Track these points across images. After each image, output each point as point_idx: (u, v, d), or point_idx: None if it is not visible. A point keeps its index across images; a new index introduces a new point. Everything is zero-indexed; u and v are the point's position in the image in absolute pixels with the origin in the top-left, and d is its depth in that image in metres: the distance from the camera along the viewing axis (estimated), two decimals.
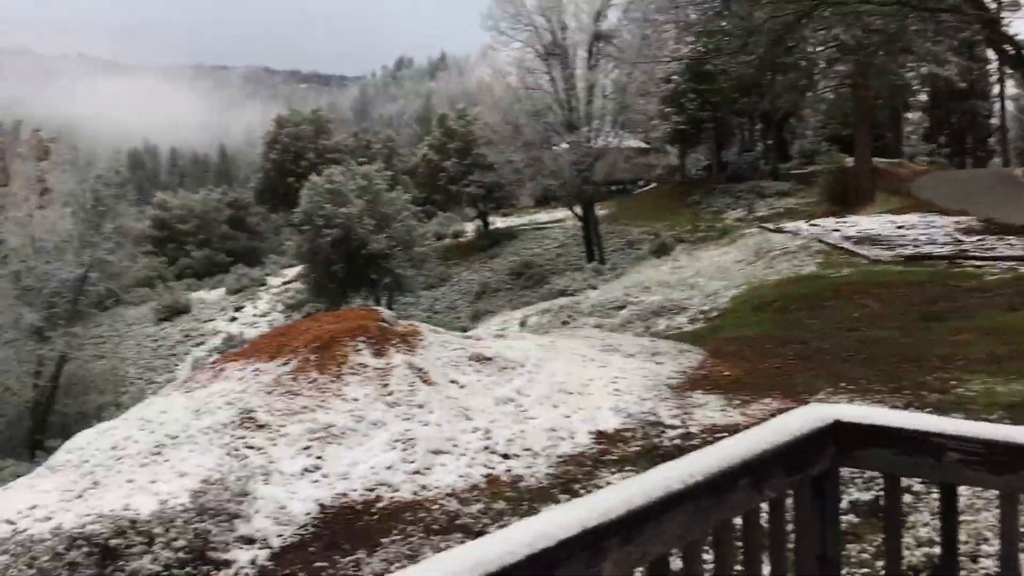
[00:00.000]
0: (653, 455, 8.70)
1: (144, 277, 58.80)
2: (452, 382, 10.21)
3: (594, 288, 33.05)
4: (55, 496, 8.76)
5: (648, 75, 38.58)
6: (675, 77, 41.29)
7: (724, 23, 23.66)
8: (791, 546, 2.39)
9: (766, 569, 2.31)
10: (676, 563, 2.07)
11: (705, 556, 2.12)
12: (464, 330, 29.66)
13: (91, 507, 8.20)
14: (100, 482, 8.80)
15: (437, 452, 8.86)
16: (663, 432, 9.40)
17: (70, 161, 40.96)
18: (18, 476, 20.74)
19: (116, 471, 8.92)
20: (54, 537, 7.26)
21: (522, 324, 30.24)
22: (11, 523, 8.26)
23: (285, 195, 60.82)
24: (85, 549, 6.92)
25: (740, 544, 2.24)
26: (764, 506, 2.25)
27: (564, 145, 40.35)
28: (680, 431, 9.40)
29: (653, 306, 22.83)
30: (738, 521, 2.17)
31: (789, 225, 32.78)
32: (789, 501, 2.33)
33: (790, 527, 2.37)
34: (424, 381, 10.00)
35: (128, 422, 10.20)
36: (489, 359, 10.88)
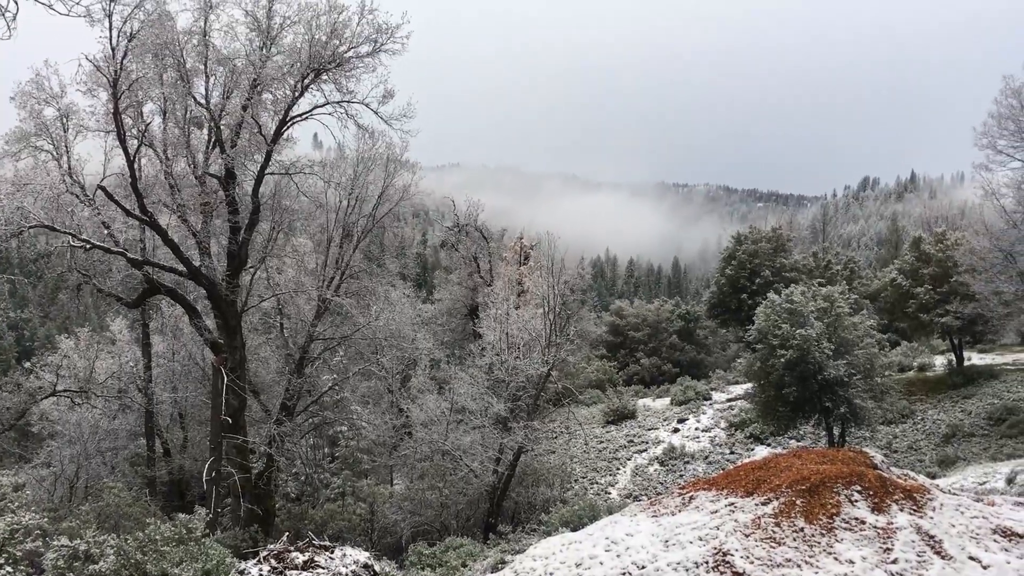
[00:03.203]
0: None
1: (596, 379, 61.86)
2: (972, 559, 8.22)
3: None
4: None
5: None
6: None
7: None
8: None
9: None
10: None
11: None
12: (931, 476, 26.05)
13: None
14: None
15: None
16: None
17: (545, 267, 44.49)
18: (471, 555, 21.86)
19: None
20: None
21: (1009, 481, 26.11)
22: None
23: (737, 311, 60.57)
24: None
25: None
26: None
27: None
28: None
29: None
30: None
31: None
32: None
33: None
34: (936, 552, 8.17)
35: (593, 538, 9.73)
36: (1020, 536, 8.67)
